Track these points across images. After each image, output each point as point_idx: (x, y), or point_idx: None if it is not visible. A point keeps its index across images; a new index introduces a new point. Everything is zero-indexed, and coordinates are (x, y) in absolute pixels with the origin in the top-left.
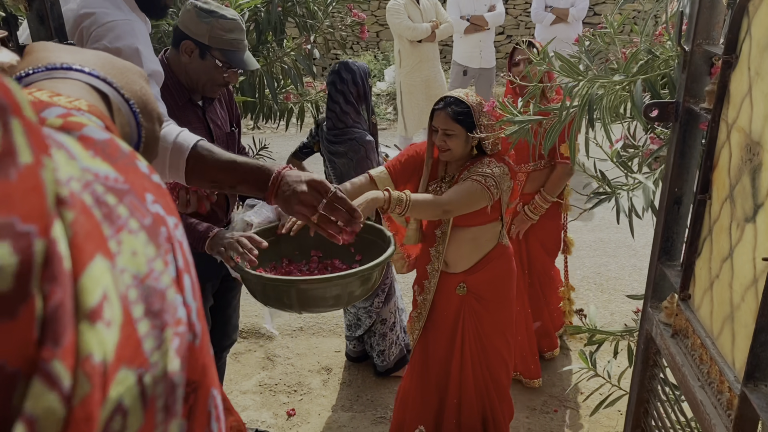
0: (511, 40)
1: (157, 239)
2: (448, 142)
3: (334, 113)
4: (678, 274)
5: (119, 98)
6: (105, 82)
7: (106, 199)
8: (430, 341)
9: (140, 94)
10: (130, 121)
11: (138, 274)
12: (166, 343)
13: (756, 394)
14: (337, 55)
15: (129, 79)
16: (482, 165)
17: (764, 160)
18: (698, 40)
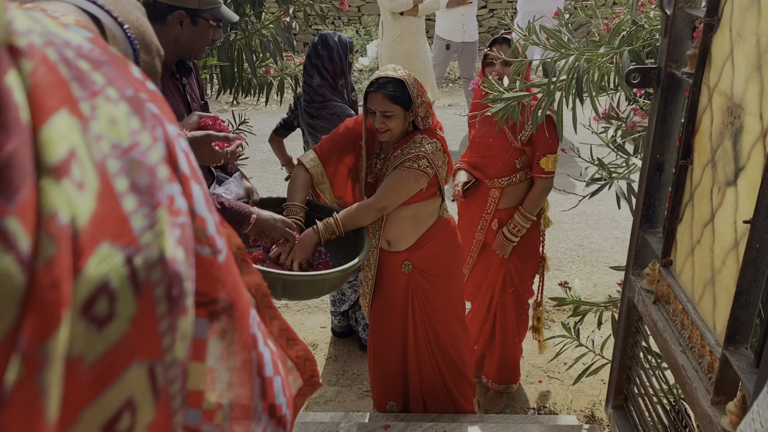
0: (493, 14)
1: (142, 112)
2: (387, 123)
3: (310, 87)
4: (660, 241)
5: (113, 23)
6: (95, 5)
7: (78, 63)
8: (383, 321)
9: (137, 24)
10: (126, 50)
11: (119, 143)
12: (161, 223)
13: (736, 357)
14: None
15: (125, 9)
16: (414, 144)
17: (746, 123)
18: (680, 4)
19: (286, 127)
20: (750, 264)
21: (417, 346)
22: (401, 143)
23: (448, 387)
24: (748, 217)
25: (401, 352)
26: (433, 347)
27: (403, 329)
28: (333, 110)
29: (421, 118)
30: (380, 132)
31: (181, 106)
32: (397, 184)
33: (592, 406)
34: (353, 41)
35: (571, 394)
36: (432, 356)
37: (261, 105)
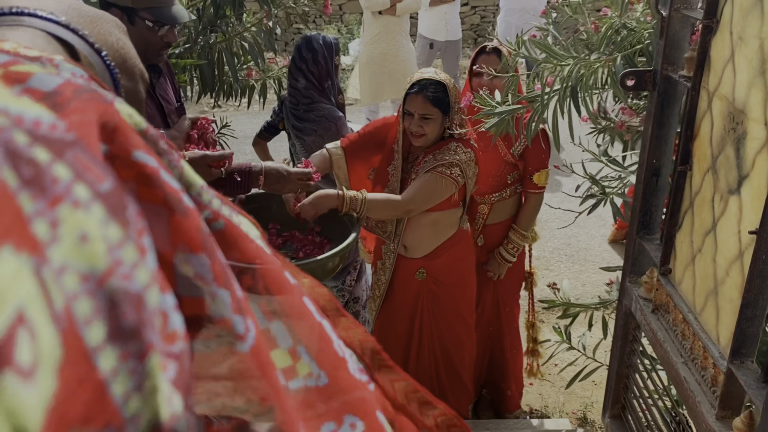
0: (476, 11)
1: (124, 212)
2: (425, 127)
3: (296, 90)
4: (657, 248)
5: (89, 50)
6: (68, 29)
7: (33, 154)
8: (390, 325)
9: (117, 47)
10: (104, 77)
11: (92, 271)
12: (152, 377)
13: (742, 371)
14: (299, 29)
15: (102, 29)
16: (449, 151)
17: (749, 129)
18: (676, 5)
19: (271, 130)
20: (756, 276)
21: (419, 353)
22: (433, 148)
23: (444, 394)
24: (753, 226)
25: (403, 359)
26: (436, 354)
27: (408, 336)
28: (321, 112)
29: (457, 125)
30: (415, 136)
31: (152, 109)
32: (429, 188)
33: (584, 409)
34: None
35: (562, 396)
36: (433, 363)
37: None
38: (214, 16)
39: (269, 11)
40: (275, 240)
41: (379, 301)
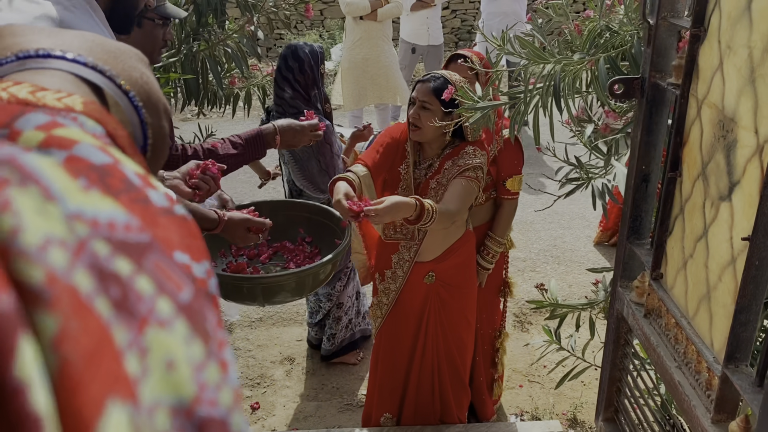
0: (456, 15)
1: (204, 325)
2: (421, 116)
3: (283, 100)
4: (648, 253)
5: (116, 90)
6: (95, 71)
7: (116, 266)
8: (398, 330)
9: (141, 83)
10: (132, 118)
11: (179, 402)
12: None
13: (737, 375)
14: (281, 35)
15: (126, 65)
16: (468, 156)
17: (740, 137)
18: (663, 13)
19: None
20: (749, 281)
21: (423, 357)
22: (452, 154)
23: (444, 395)
24: (745, 233)
25: (408, 363)
26: (440, 357)
27: (414, 341)
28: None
29: (471, 130)
30: (413, 126)
31: None
32: (466, 195)
33: (574, 409)
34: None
35: (552, 397)
36: (436, 366)
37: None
38: (197, 24)
39: (251, 17)
40: (265, 250)
41: (386, 308)
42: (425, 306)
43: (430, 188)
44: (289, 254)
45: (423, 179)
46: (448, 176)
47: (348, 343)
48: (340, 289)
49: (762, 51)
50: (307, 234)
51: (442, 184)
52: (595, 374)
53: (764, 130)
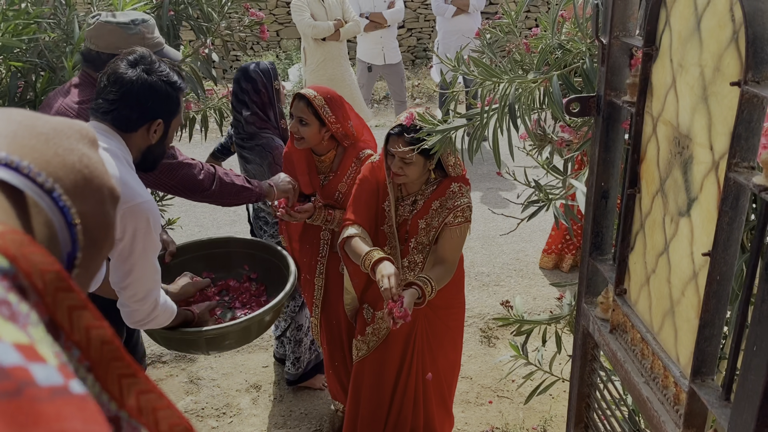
0: (412, 33)
1: None
2: (405, 170)
3: (238, 122)
4: (611, 269)
5: (35, 189)
6: (9, 168)
7: None
8: (384, 356)
9: (79, 167)
10: (57, 220)
11: None
12: None
13: (704, 390)
14: (237, 57)
15: (60, 149)
16: (455, 196)
17: (695, 154)
18: (615, 33)
19: (224, 152)
20: (712, 296)
21: (408, 381)
22: (438, 193)
23: (429, 421)
24: (705, 248)
25: (391, 390)
26: (428, 384)
27: (400, 365)
28: (259, 141)
29: (451, 167)
30: (396, 176)
31: None
32: (462, 240)
33: (544, 423)
34: (275, 66)
35: (522, 412)
36: (421, 390)
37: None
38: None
39: (205, 40)
40: (210, 291)
41: (375, 343)
42: (412, 328)
43: (420, 228)
44: (234, 293)
45: (409, 216)
46: (438, 219)
47: (314, 365)
48: (295, 310)
49: (713, 70)
50: (251, 271)
51: (432, 226)
52: (563, 387)
53: (719, 146)
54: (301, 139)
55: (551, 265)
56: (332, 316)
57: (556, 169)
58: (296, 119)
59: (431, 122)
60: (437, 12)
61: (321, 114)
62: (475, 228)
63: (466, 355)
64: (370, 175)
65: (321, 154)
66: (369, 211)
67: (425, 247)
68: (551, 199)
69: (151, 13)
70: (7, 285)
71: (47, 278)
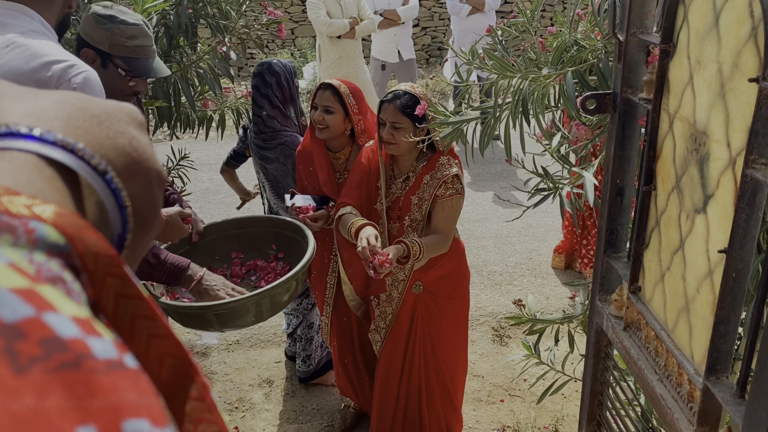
0: (426, 32)
1: None
2: (396, 135)
3: (259, 118)
4: (625, 266)
5: (89, 171)
6: (65, 150)
7: None
8: (392, 347)
9: (129, 150)
10: (108, 202)
11: None
12: None
13: (719, 387)
14: (252, 55)
15: (111, 131)
16: (443, 167)
17: (712, 150)
18: (632, 30)
19: (237, 158)
20: (727, 293)
21: (411, 373)
22: (428, 167)
23: (435, 419)
24: (721, 245)
25: (397, 383)
26: (429, 374)
27: (402, 355)
28: (282, 140)
29: (440, 142)
30: (387, 144)
31: None
32: (455, 214)
33: (556, 423)
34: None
35: (533, 411)
36: (424, 383)
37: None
38: (168, 47)
39: (223, 38)
40: (239, 270)
41: (385, 332)
42: (413, 317)
43: (413, 204)
44: (261, 272)
45: (402, 193)
46: (428, 191)
47: (325, 363)
48: (308, 307)
49: (731, 66)
50: (279, 250)
51: (424, 200)
52: (575, 386)
53: (736, 143)
54: (325, 128)
55: (563, 265)
56: (343, 313)
57: (564, 159)
58: (321, 109)
59: (443, 114)
60: (452, 11)
61: (346, 102)
62: (488, 227)
63: (478, 354)
64: (364, 159)
65: (336, 150)
66: (360, 191)
67: (419, 224)
68: (558, 188)
69: (170, 10)
70: (62, 263)
71: (100, 261)
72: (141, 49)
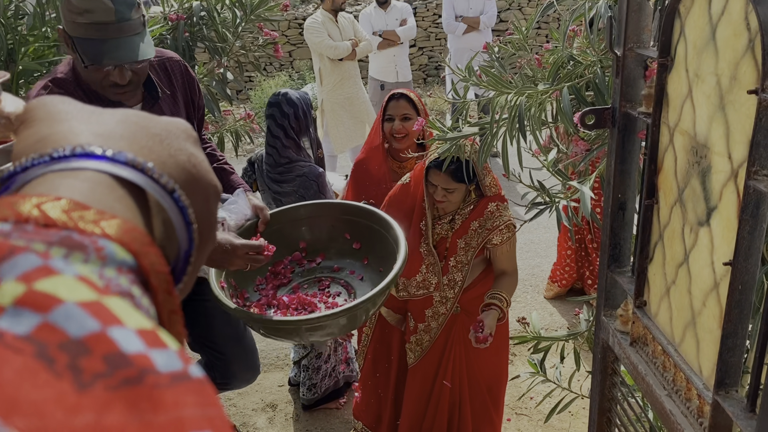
0: (423, 52)
1: None
2: (448, 197)
3: (275, 149)
4: (629, 281)
5: (158, 189)
6: (135, 169)
7: None
8: (422, 370)
9: (188, 167)
10: (176, 220)
11: None
12: None
13: (729, 402)
14: (251, 77)
15: (172, 149)
16: (493, 216)
17: (713, 163)
18: (629, 44)
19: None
20: (734, 306)
21: (441, 393)
22: (476, 214)
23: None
24: (726, 257)
25: (427, 398)
26: (463, 394)
27: (435, 374)
28: (300, 171)
29: (487, 186)
30: (440, 203)
31: None
32: (513, 250)
33: None
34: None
35: (541, 430)
36: (457, 403)
37: None
38: None
39: (220, 60)
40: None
41: (420, 353)
42: (448, 336)
43: (459, 248)
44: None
45: (447, 235)
46: (477, 239)
47: (332, 391)
48: None
49: (729, 78)
50: (353, 240)
51: (471, 246)
52: (582, 403)
53: (737, 155)
54: (405, 137)
55: (554, 295)
56: (386, 324)
57: (560, 173)
58: (399, 117)
59: (441, 129)
60: (448, 30)
61: (419, 107)
62: None
63: None
64: (402, 195)
65: (403, 160)
66: (402, 217)
67: (464, 266)
68: (554, 201)
69: (167, 34)
70: (131, 278)
71: (160, 278)
72: (94, 28)
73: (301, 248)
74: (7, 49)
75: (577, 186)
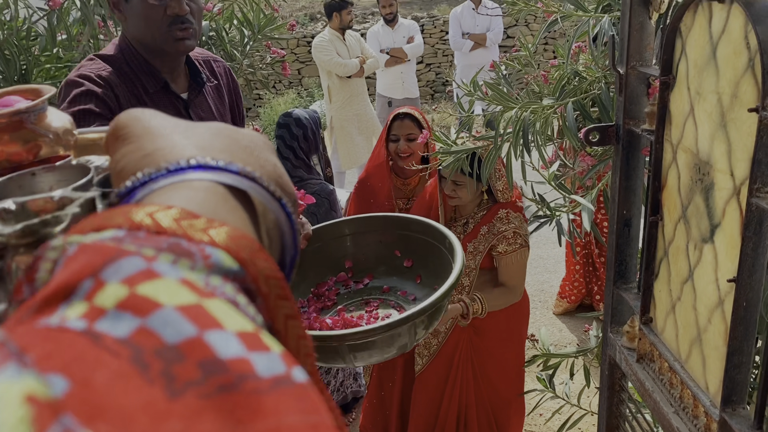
0: (430, 69)
1: None
2: (458, 191)
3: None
4: (636, 297)
5: (267, 196)
6: (247, 178)
7: None
8: (431, 374)
9: (275, 177)
10: (283, 227)
11: None
12: None
13: (736, 419)
14: (260, 95)
15: (261, 159)
16: (501, 222)
17: (716, 180)
18: (632, 63)
19: None
20: (739, 323)
21: (449, 410)
22: (487, 218)
23: None
24: (730, 274)
25: (434, 417)
26: (469, 411)
27: (441, 390)
28: (311, 189)
29: (500, 192)
30: (450, 198)
31: None
32: (522, 264)
33: None
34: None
35: None
36: (463, 420)
37: None
38: None
39: None
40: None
41: (427, 359)
42: (455, 352)
43: (467, 251)
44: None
45: (459, 238)
46: (484, 244)
47: (341, 407)
48: None
49: (730, 96)
50: (405, 257)
51: (479, 251)
52: (592, 420)
53: (739, 172)
54: (410, 155)
55: (564, 311)
56: None
57: (562, 186)
58: (404, 138)
59: (446, 142)
60: (455, 47)
61: (424, 125)
62: None
63: None
64: (428, 196)
65: (408, 176)
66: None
67: (471, 271)
68: (555, 214)
69: None
70: (236, 287)
71: (271, 284)
72: None
73: (346, 268)
74: (20, 71)
75: (578, 200)
